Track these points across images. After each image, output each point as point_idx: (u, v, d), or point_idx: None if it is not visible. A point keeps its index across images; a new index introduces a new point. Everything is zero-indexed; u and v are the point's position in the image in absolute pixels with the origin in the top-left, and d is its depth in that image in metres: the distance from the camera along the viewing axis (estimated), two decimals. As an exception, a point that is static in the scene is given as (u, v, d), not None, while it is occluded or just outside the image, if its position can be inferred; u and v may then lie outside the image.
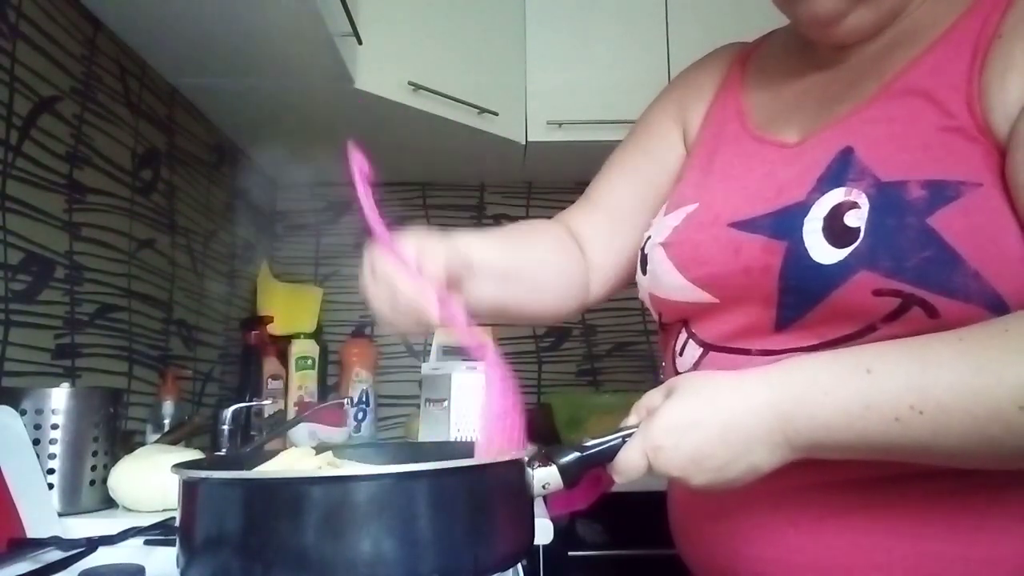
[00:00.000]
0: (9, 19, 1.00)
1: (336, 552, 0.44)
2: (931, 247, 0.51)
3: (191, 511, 0.49)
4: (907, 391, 0.48)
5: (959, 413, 0.47)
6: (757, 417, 0.50)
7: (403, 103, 1.53)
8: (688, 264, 0.65)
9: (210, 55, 1.34)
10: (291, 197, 2.14)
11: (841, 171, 0.57)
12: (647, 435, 0.52)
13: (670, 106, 0.81)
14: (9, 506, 0.74)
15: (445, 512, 0.47)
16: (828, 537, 0.57)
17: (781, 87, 0.71)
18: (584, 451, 0.53)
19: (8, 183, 1.00)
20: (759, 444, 0.51)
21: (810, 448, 0.51)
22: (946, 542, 0.54)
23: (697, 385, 0.53)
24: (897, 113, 0.58)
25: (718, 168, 0.70)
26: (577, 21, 1.84)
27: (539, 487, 0.53)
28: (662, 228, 0.70)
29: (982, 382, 0.46)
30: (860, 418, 0.49)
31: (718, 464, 0.51)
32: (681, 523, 0.70)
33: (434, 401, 1.16)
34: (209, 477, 0.49)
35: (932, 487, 0.54)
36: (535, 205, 2.18)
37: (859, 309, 0.54)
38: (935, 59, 0.58)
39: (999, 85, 0.53)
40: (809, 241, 0.56)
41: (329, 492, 0.45)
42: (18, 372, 1.01)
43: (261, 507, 0.46)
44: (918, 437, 0.48)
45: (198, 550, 0.48)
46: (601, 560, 1.45)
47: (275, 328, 1.83)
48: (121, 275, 1.28)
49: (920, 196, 0.52)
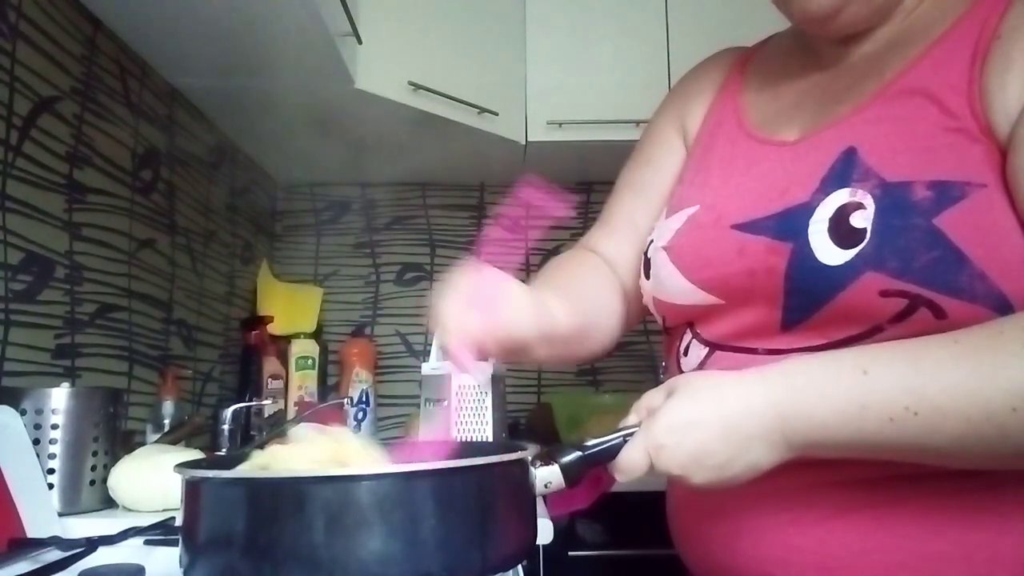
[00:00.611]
0: (9, 19, 1.00)
1: (339, 551, 0.44)
2: (938, 248, 0.51)
3: (194, 511, 0.49)
4: (902, 392, 0.48)
5: (953, 414, 0.47)
6: (756, 416, 0.51)
7: (403, 103, 1.53)
8: (691, 267, 0.66)
9: (210, 55, 1.34)
10: (291, 197, 2.14)
11: (845, 171, 0.57)
12: (649, 434, 0.52)
13: (670, 114, 0.82)
14: (9, 506, 0.74)
15: (449, 511, 0.47)
16: (831, 537, 0.57)
17: (781, 88, 0.71)
18: (586, 450, 0.54)
19: (8, 183, 1.00)
20: (758, 442, 0.51)
21: (807, 447, 0.51)
22: (950, 542, 0.54)
23: (698, 385, 0.53)
24: (899, 113, 0.58)
25: (717, 169, 0.70)
26: (577, 21, 1.84)
27: (541, 486, 0.53)
28: (664, 231, 0.70)
29: (976, 384, 0.47)
30: (856, 418, 0.49)
31: (719, 462, 0.51)
32: (681, 523, 0.70)
33: (434, 401, 1.16)
34: (212, 477, 0.49)
35: (935, 487, 0.54)
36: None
37: (866, 310, 0.54)
38: (935, 59, 0.58)
39: (999, 86, 0.53)
40: (815, 242, 0.56)
41: (333, 492, 0.45)
42: (18, 372, 1.01)
43: (264, 506, 0.46)
44: (913, 437, 0.48)
45: (201, 550, 0.48)
46: (601, 560, 1.45)
47: (275, 328, 1.83)
48: (121, 275, 1.28)
49: (926, 197, 0.52)
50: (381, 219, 2.15)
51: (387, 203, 2.16)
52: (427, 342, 2.06)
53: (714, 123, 0.75)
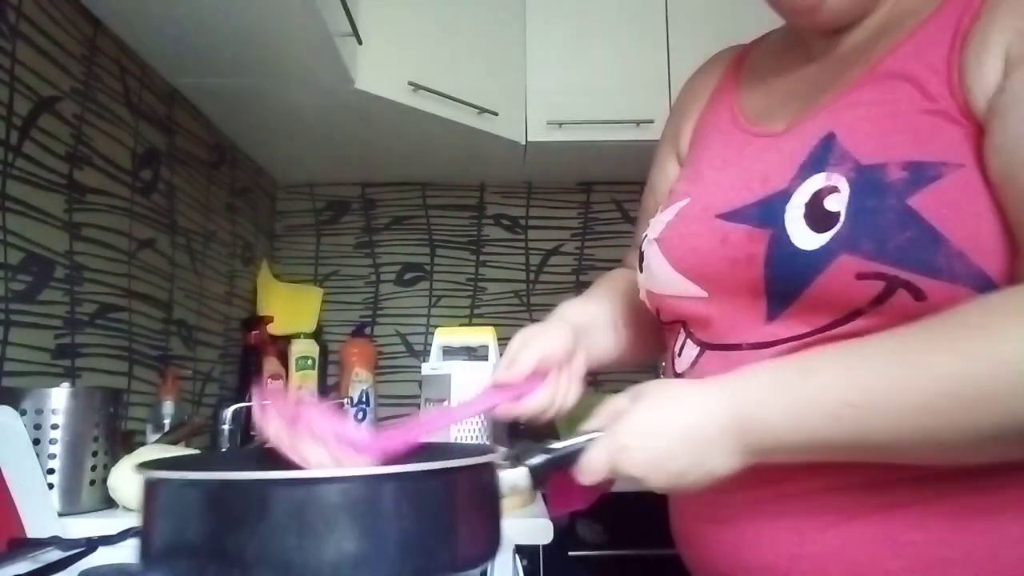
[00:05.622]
0: (9, 19, 1.00)
1: (300, 554, 0.43)
2: (912, 228, 0.51)
3: (150, 513, 0.48)
4: (844, 390, 0.49)
5: (889, 405, 0.48)
6: (715, 424, 0.52)
7: (403, 103, 1.53)
8: (678, 257, 0.66)
9: (210, 55, 1.34)
10: (291, 197, 2.14)
11: (823, 157, 0.58)
12: (614, 437, 0.53)
13: (667, 134, 0.84)
14: (9, 506, 0.74)
15: (413, 514, 0.46)
16: (832, 546, 0.56)
17: (773, 82, 0.72)
18: (552, 453, 0.55)
19: (8, 183, 1.00)
20: (716, 449, 0.52)
21: (763, 452, 0.52)
22: (952, 546, 0.53)
23: (662, 392, 0.55)
24: (878, 97, 0.58)
25: (708, 163, 0.71)
26: (577, 21, 1.84)
27: (508, 488, 0.54)
28: (656, 225, 0.71)
29: (908, 373, 0.47)
30: (805, 419, 0.50)
31: (678, 468, 0.52)
32: (683, 528, 0.70)
33: (434, 401, 1.16)
34: (168, 478, 0.47)
35: (936, 490, 0.54)
36: (535, 205, 2.18)
37: (844, 294, 0.54)
38: (917, 43, 0.58)
39: (976, 66, 0.53)
40: (791, 228, 0.56)
41: (291, 494, 0.44)
42: (18, 372, 1.01)
43: (224, 509, 0.44)
44: (858, 434, 0.49)
45: (157, 555, 0.46)
46: (601, 560, 1.45)
47: (275, 328, 1.83)
48: (121, 275, 1.28)
49: (900, 178, 0.53)
50: (381, 219, 2.15)
51: (387, 203, 2.16)
52: (427, 342, 2.06)
53: (709, 121, 0.76)
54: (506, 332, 0.72)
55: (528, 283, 2.15)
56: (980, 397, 0.45)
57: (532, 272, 2.16)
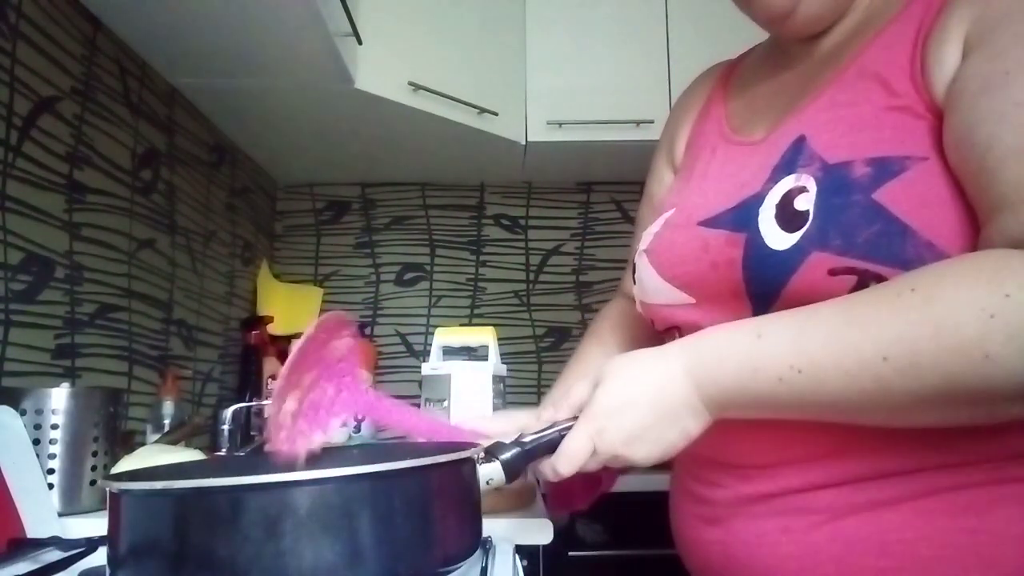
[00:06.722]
0: (9, 19, 1.00)
1: (271, 559, 0.42)
2: (879, 221, 0.52)
3: (116, 523, 0.47)
4: (788, 353, 0.50)
5: (831, 368, 0.48)
6: (678, 385, 0.54)
7: (403, 103, 1.53)
8: (666, 265, 0.67)
9: (210, 55, 1.34)
10: (291, 197, 2.14)
11: (793, 159, 0.59)
12: (589, 420, 0.55)
13: (662, 146, 0.86)
14: (9, 506, 0.74)
15: (390, 513, 0.46)
16: (822, 545, 0.56)
17: (756, 91, 0.74)
18: (524, 446, 0.56)
19: (8, 183, 1.00)
20: (684, 410, 0.54)
21: (720, 409, 0.54)
22: (944, 544, 0.53)
23: (623, 369, 0.56)
24: (847, 98, 0.59)
25: (695, 174, 0.73)
26: (577, 21, 1.84)
27: (483, 483, 0.55)
28: (647, 237, 0.72)
29: (849, 335, 0.48)
30: (751, 380, 0.51)
31: (655, 435, 0.54)
32: (679, 528, 0.71)
33: (434, 401, 1.16)
34: (131, 489, 0.46)
35: (929, 484, 0.54)
36: (535, 205, 2.18)
37: (819, 291, 0.54)
38: (883, 41, 0.59)
39: (937, 59, 0.54)
40: (764, 229, 0.57)
41: (266, 498, 0.43)
42: (18, 372, 1.01)
43: (191, 519, 0.43)
44: (802, 395, 0.50)
45: (125, 563, 0.45)
46: (601, 560, 1.45)
47: (275, 328, 1.83)
48: (121, 275, 1.28)
49: (865, 173, 0.54)
50: (381, 219, 2.15)
51: (387, 203, 2.16)
52: (427, 342, 2.06)
53: (699, 133, 0.78)
54: (506, 332, 0.73)
55: (528, 283, 2.15)
56: (918, 362, 0.45)
57: (532, 272, 2.16)
